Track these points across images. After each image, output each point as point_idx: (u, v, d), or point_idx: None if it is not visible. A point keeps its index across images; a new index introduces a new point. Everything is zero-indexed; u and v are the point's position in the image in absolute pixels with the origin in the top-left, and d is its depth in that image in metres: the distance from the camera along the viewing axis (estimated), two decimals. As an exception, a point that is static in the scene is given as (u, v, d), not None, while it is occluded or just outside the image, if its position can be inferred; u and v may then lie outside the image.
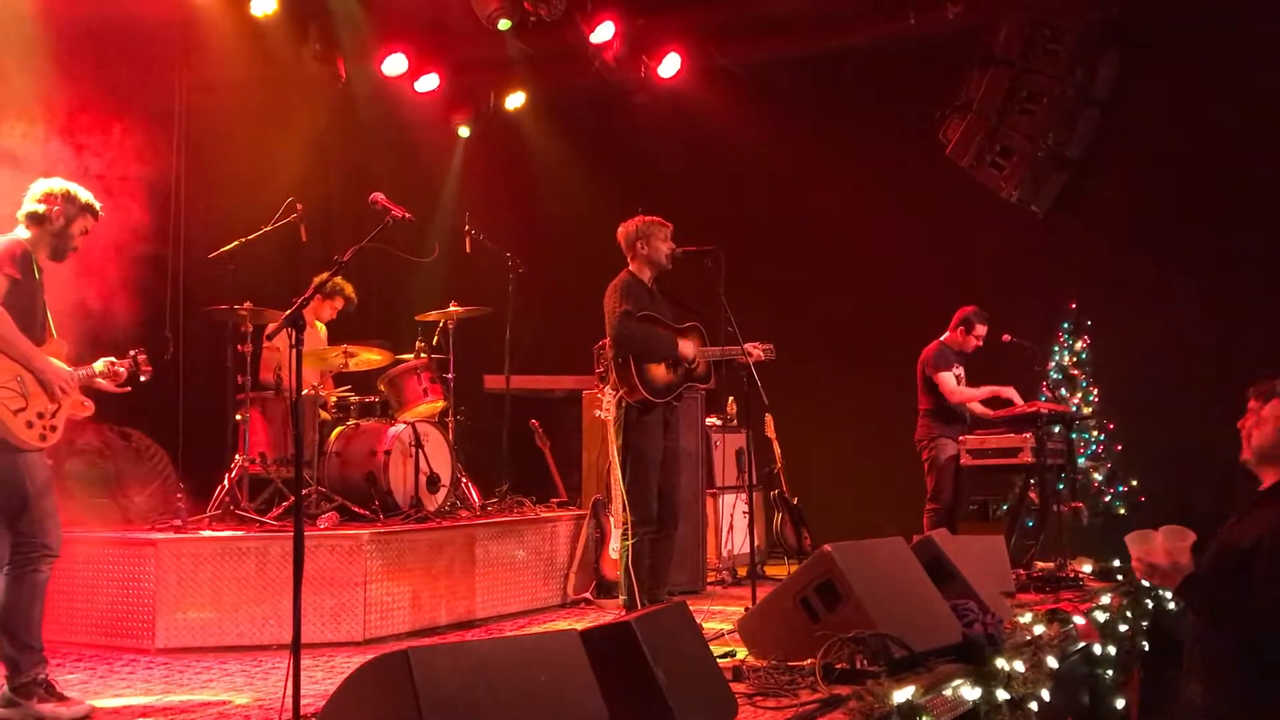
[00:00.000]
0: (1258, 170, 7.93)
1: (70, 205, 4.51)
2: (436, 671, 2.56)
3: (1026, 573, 6.89)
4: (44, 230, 4.47)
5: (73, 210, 4.52)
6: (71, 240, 4.54)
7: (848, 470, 8.98)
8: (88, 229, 4.61)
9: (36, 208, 4.46)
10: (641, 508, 5.76)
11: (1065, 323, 8.77)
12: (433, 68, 9.46)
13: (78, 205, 4.53)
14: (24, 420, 4.21)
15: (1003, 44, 8.64)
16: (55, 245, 4.51)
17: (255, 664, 5.15)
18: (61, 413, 4.39)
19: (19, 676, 4.21)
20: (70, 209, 4.51)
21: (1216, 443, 4.84)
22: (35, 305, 4.43)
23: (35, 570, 4.26)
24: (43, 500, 4.29)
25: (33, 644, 4.25)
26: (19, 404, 4.21)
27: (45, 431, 4.30)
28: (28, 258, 4.38)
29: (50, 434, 4.33)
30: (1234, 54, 8.08)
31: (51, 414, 4.34)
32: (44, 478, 4.33)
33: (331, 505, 6.49)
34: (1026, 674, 4.63)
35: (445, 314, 7.65)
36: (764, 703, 3.78)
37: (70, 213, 4.51)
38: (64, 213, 4.49)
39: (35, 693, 4.18)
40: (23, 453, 4.22)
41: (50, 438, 4.34)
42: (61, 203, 4.49)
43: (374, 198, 4.42)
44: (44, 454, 4.36)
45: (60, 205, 4.49)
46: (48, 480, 4.37)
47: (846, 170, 9.18)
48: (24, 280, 4.32)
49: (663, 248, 5.94)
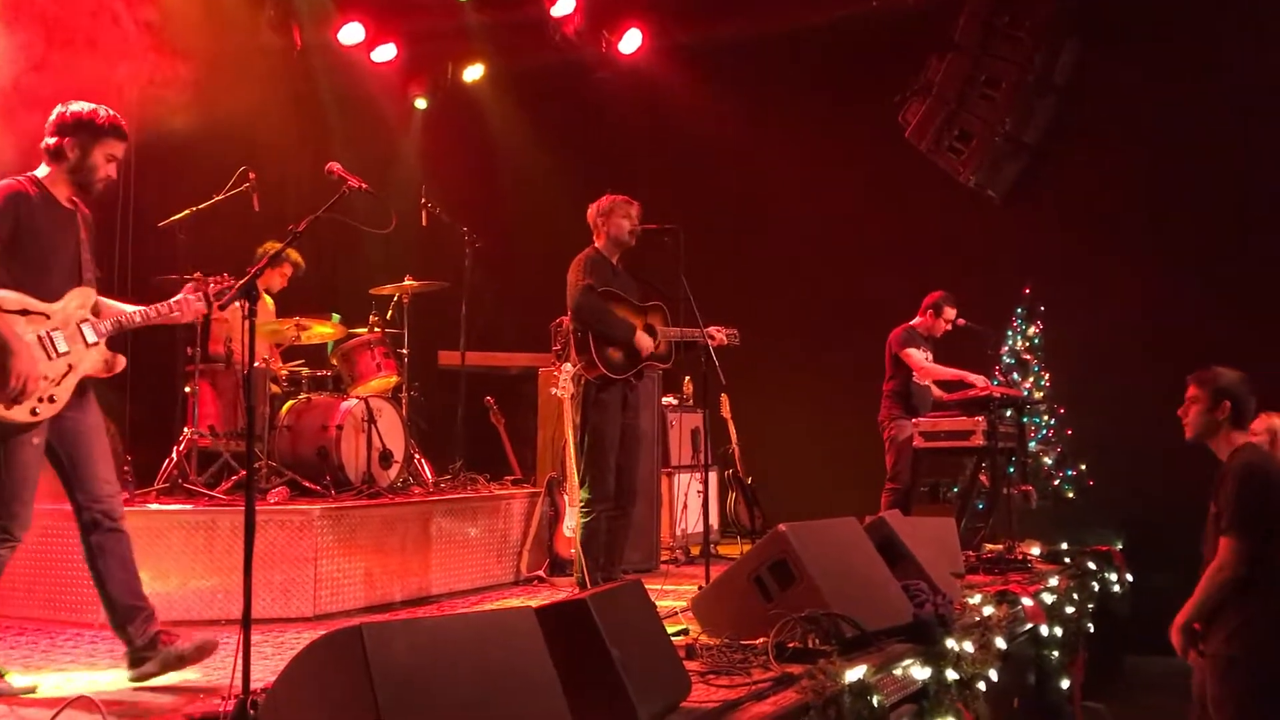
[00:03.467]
0: (1213, 160, 8.05)
1: (83, 132, 4.04)
2: (390, 648, 2.53)
3: (976, 554, 6.97)
4: (60, 166, 4.05)
5: (87, 138, 4.05)
6: (96, 172, 4.08)
7: (801, 450, 9.03)
8: (116, 155, 4.13)
9: (48, 140, 4.03)
10: (599, 485, 5.75)
11: (1019, 308, 8.86)
12: (390, 38, 9.35)
13: (92, 131, 4.05)
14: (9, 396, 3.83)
15: (962, 29, 8.69)
16: (76, 180, 4.09)
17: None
18: (71, 377, 4.01)
19: None
20: (84, 137, 4.04)
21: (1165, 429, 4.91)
22: (46, 253, 4.00)
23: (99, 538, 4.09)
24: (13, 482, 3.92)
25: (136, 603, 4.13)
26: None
27: (36, 405, 3.89)
28: (21, 200, 3.94)
29: (42, 406, 3.91)
30: (1192, 43, 8.18)
31: (56, 379, 3.95)
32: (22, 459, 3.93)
33: (282, 480, 6.42)
34: (975, 654, 4.68)
35: (400, 288, 7.57)
36: (717, 680, 3.79)
37: (85, 142, 4.05)
38: (77, 143, 4.04)
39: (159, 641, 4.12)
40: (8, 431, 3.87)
41: (41, 410, 3.92)
42: (73, 131, 4.04)
43: (330, 167, 4.31)
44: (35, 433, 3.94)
45: (71, 135, 4.04)
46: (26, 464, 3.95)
47: (806, 151, 9.20)
48: (20, 228, 3.91)
49: (625, 224, 5.92)
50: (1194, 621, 4.35)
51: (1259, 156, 7.95)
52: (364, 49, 9.24)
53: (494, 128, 10.23)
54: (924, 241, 8.86)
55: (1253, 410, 4.50)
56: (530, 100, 10.15)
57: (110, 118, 4.10)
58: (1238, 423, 4.43)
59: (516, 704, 2.74)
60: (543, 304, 7.33)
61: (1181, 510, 5.17)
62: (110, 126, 4.09)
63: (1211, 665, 4.31)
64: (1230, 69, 8.01)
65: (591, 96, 10.06)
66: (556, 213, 8.02)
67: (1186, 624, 4.36)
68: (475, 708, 2.63)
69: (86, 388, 4.18)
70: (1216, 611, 4.28)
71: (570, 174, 9.36)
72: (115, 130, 4.11)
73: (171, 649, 4.10)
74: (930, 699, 4.32)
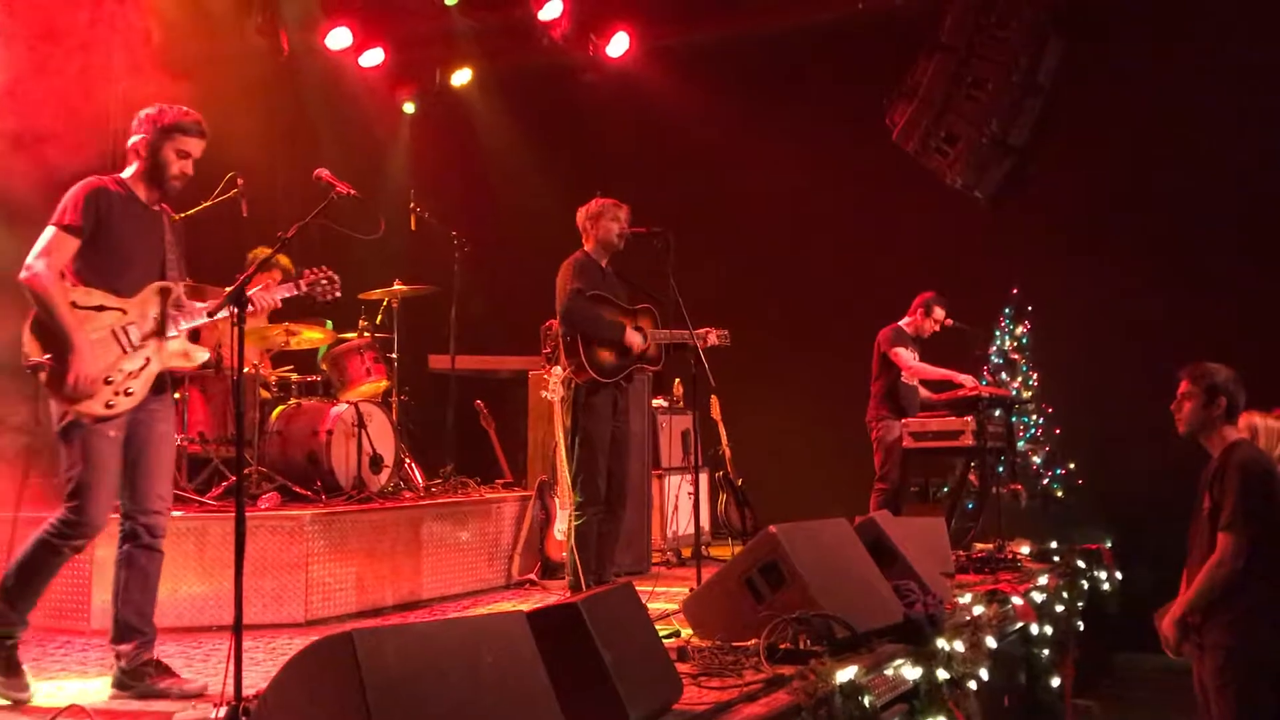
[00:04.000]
0: (1198, 158, 8.08)
1: (152, 130, 4.02)
2: (381, 653, 2.54)
3: (966, 554, 7.00)
4: (138, 166, 4.04)
5: (156, 136, 4.02)
6: (168, 169, 4.05)
7: (792, 451, 9.05)
8: (188, 151, 4.08)
9: (130, 142, 4.00)
10: (589, 489, 5.76)
11: (1007, 308, 8.89)
12: (378, 42, 9.34)
13: (160, 128, 4.02)
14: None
15: (949, 30, 8.72)
16: (151, 179, 4.06)
17: (195, 645, 5.07)
18: (149, 370, 3.99)
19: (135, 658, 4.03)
20: (154, 135, 4.02)
21: (1153, 427, 4.95)
22: (127, 249, 3.99)
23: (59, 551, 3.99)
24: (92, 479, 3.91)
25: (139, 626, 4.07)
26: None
27: (113, 398, 3.89)
28: (101, 198, 3.92)
29: (118, 399, 3.90)
30: (1176, 43, 8.22)
31: (134, 372, 3.93)
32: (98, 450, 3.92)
33: (273, 485, 6.41)
34: (966, 654, 4.70)
35: (389, 293, 7.57)
36: (709, 682, 3.80)
37: (155, 140, 4.02)
38: (148, 142, 4.02)
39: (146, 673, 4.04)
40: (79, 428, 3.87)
41: (117, 404, 3.91)
42: (144, 130, 4.02)
43: (318, 173, 4.29)
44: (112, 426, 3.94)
45: (144, 134, 4.02)
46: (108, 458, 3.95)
47: (794, 153, 9.21)
48: (101, 224, 3.90)
49: (613, 227, 5.92)
50: (1190, 614, 4.38)
51: (1245, 155, 7.98)
52: (352, 54, 9.23)
53: (482, 132, 10.23)
54: (911, 243, 8.88)
55: (1243, 406, 4.55)
56: (518, 104, 10.15)
57: (179, 114, 4.07)
58: (1230, 418, 4.48)
59: (509, 708, 2.75)
60: (532, 307, 7.33)
61: (1171, 507, 5.20)
62: (177, 123, 4.05)
63: (1210, 657, 4.34)
64: (1215, 68, 8.06)
65: (579, 100, 10.06)
66: (545, 216, 8.03)
67: (1182, 617, 4.39)
68: (467, 712, 2.64)
69: (165, 384, 4.20)
70: (1213, 604, 4.32)
71: (558, 177, 9.37)
72: (183, 126, 4.07)
73: (155, 688, 4.08)
74: (921, 699, 4.34)
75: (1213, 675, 4.33)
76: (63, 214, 3.90)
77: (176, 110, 4.09)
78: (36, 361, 3.86)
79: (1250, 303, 7.84)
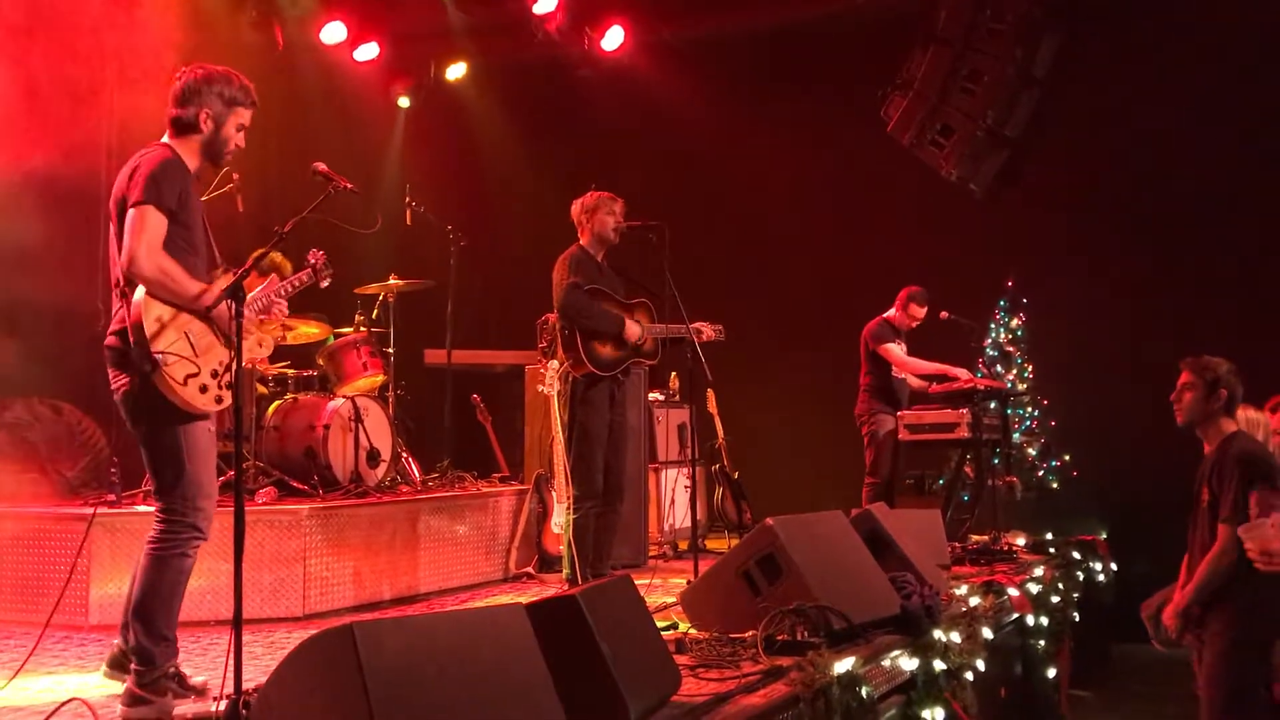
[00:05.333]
0: (1193, 152, 8.11)
1: (219, 102, 3.79)
2: (381, 646, 2.54)
3: (962, 546, 7.02)
4: (190, 139, 3.80)
5: (222, 108, 3.80)
6: (229, 143, 3.85)
7: (788, 444, 9.07)
8: (245, 124, 3.89)
9: (179, 113, 3.76)
10: (586, 482, 5.76)
11: (1002, 300, 8.91)
12: (372, 36, 9.32)
13: (226, 99, 3.80)
14: (197, 385, 3.64)
15: (944, 23, 8.72)
16: (209, 152, 3.85)
17: (193, 640, 5.07)
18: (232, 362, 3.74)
19: (152, 671, 3.72)
20: (219, 107, 3.79)
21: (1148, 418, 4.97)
22: (195, 230, 3.79)
23: (182, 554, 3.75)
24: (200, 475, 3.75)
25: (169, 635, 3.77)
26: (190, 369, 3.62)
27: (220, 393, 3.71)
28: (181, 169, 3.71)
29: (226, 394, 3.71)
30: (1172, 35, 8.23)
31: (226, 368, 3.71)
32: (205, 449, 3.76)
33: (270, 480, 6.42)
34: (962, 645, 4.72)
35: (385, 287, 7.57)
36: (706, 674, 3.81)
37: (220, 113, 3.80)
38: (213, 115, 3.79)
39: (169, 688, 3.75)
40: (190, 423, 3.69)
41: (226, 398, 3.71)
42: (209, 102, 3.77)
43: (316, 167, 4.23)
44: (211, 421, 3.79)
45: (208, 106, 3.77)
46: (209, 453, 3.80)
47: (790, 146, 9.22)
48: (181, 207, 3.69)
49: (609, 221, 5.92)
50: (1193, 606, 4.40)
51: (1240, 148, 8.01)
52: (346, 48, 9.21)
53: (477, 126, 10.22)
54: (907, 235, 8.89)
55: (1241, 399, 4.56)
56: (513, 98, 10.14)
57: (242, 82, 3.88)
58: (1230, 410, 4.50)
59: (509, 701, 2.76)
60: (528, 301, 7.34)
61: (1165, 499, 5.23)
62: (241, 94, 3.87)
63: (1210, 647, 4.36)
64: (1210, 60, 8.07)
65: (574, 94, 10.06)
66: (541, 210, 8.02)
67: (1186, 609, 4.41)
68: (468, 705, 2.65)
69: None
70: (1215, 596, 4.34)
71: (554, 171, 9.37)
72: (247, 97, 3.89)
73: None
74: (918, 689, 4.36)
75: (1210, 666, 4.35)
76: (158, 194, 3.62)
77: (238, 78, 3.87)
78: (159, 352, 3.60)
79: (1244, 295, 7.87)
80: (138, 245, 3.59)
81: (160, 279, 3.62)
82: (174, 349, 3.61)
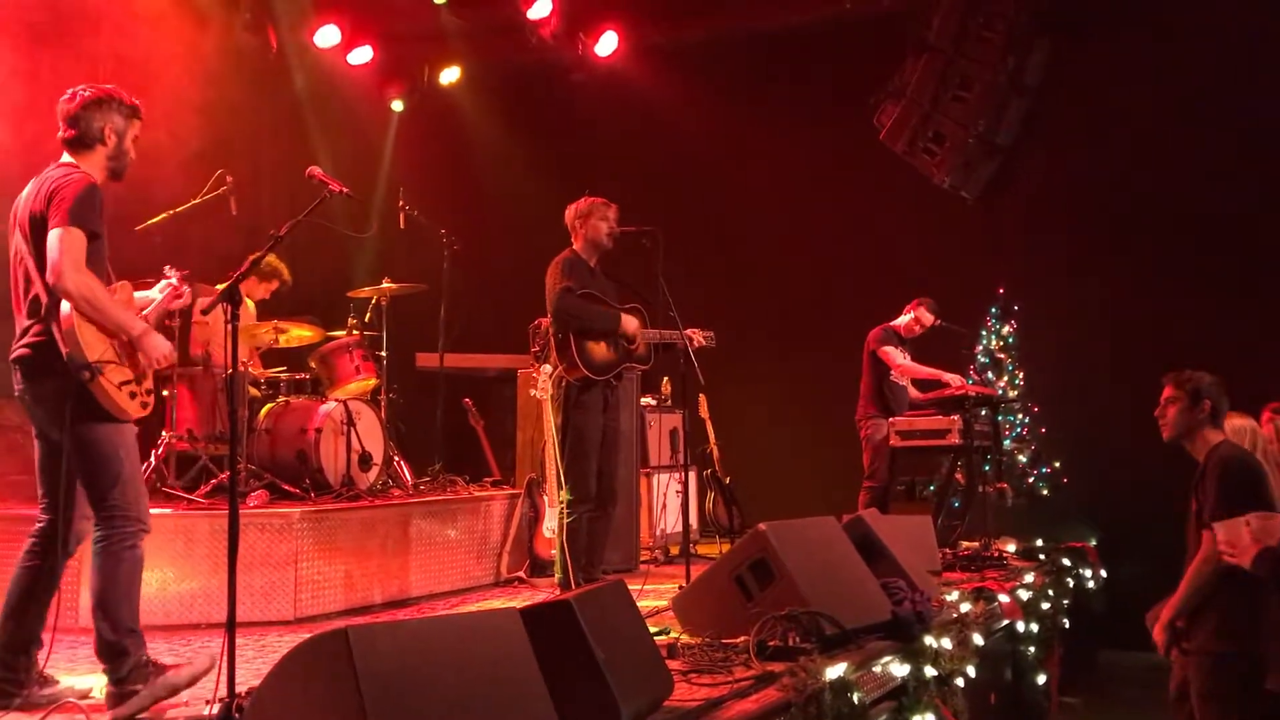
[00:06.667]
0: (1184, 159, 8.14)
1: (119, 116, 3.86)
2: (376, 650, 2.54)
3: (952, 552, 7.04)
4: (93, 155, 3.84)
5: (122, 122, 3.87)
6: (128, 156, 3.92)
7: (779, 449, 9.08)
8: (137, 136, 3.96)
9: (76, 132, 3.80)
10: (580, 486, 5.77)
11: (993, 307, 8.94)
12: (366, 40, 9.33)
13: (126, 113, 3.87)
14: (128, 392, 3.80)
15: (936, 31, 8.76)
16: (114, 167, 3.90)
17: (184, 643, 5.06)
18: (150, 373, 3.95)
19: (124, 664, 3.76)
20: (119, 121, 3.86)
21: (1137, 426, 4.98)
22: (105, 253, 3.84)
23: (133, 546, 3.83)
24: (135, 473, 3.88)
25: (135, 628, 3.83)
26: (124, 375, 3.78)
27: (145, 399, 3.86)
28: (101, 201, 3.74)
29: (150, 399, 3.88)
30: (1162, 43, 8.28)
31: (148, 377, 3.90)
32: (134, 448, 3.90)
33: (261, 483, 6.40)
34: (953, 651, 4.73)
35: (378, 290, 7.56)
36: (699, 679, 3.81)
37: (120, 126, 3.86)
38: (116, 129, 3.85)
39: (148, 674, 3.78)
40: (122, 424, 3.82)
41: (150, 403, 3.89)
42: (111, 117, 3.84)
43: (311, 171, 4.26)
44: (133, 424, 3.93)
45: (110, 121, 3.84)
46: (137, 452, 3.94)
47: (782, 152, 9.25)
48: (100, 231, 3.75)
49: (602, 226, 5.94)
50: (1179, 618, 4.40)
51: (1230, 155, 8.05)
52: (340, 51, 9.22)
53: (471, 130, 10.23)
54: (899, 242, 8.93)
55: (1225, 410, 4.58)
56: (507, 102, 10.15)
57: (131, 96, 3.96)
58: (1215, 421, 4.51)
59: (502, 704, 2.76)
60: (521, 305, 7.34)
61: (1155, 506, 5.25)
62: (136, 107, 3.95)
63: (1196, 662, 4.36)
64: (1201, 67, 8.11)
65: (568, 99, 10.07)
66: (534, 215, 8.04)
67: (1170, 621, 4.41)
68: (461, 709, 2.65)
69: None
70: (1201, 607, 4.34)
71: (547, 176, 9.37)
72: (137, 110, 3.96)
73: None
74: (909, 695, 4.36)
75: (1199, 680, 4.34)
76: (82, 217, 3.68)
77: (127, 93, 3.93)
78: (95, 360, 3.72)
79: (1234, 302, 7.90)
80: (64, 263, 3.66)
81: (88, 296, 3.71)
82: (104, 357, 3.74)
